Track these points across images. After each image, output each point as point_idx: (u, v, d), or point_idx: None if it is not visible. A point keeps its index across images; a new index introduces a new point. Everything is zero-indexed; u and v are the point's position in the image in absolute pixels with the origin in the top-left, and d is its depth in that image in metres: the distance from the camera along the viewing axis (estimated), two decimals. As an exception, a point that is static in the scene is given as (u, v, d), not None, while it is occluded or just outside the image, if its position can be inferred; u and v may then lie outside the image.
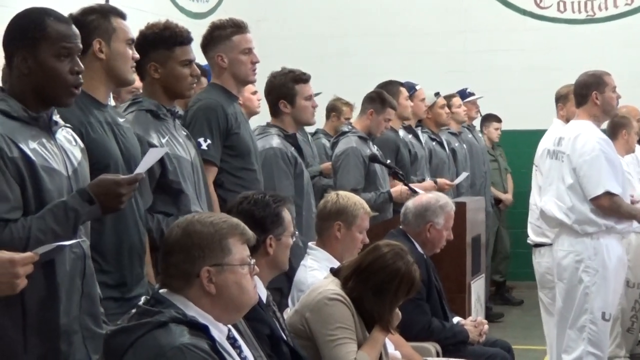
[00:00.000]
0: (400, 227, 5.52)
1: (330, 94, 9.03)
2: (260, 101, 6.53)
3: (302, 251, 4.91)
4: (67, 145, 3.26)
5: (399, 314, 4.20)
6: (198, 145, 4.58)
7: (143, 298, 3.02)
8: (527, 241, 7.13)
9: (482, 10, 11.57)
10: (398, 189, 6.69)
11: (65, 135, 3.30)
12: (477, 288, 6.50)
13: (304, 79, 5.56)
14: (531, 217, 7.05)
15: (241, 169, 4.87)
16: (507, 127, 10.75)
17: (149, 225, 3.99)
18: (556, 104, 7.43)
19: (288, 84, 5.51)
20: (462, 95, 9.56)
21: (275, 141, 5.44)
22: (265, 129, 5.58)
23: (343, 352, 4.02)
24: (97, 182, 3.13)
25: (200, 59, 4.81)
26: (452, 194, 7.68)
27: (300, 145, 5.64)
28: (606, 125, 6.81)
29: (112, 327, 3.01)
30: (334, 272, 4.29)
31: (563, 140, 6.10)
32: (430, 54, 11.39)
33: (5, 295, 2.82)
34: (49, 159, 3.13)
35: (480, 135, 10.19)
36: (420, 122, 8.39)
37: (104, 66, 3.74)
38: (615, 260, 5.97)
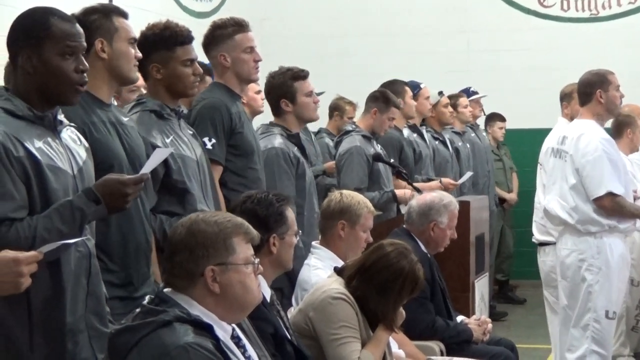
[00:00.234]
0: (404, 226, 5.52)
1: (332, 93, 9.03)
2: (264, 100, 6.52)
3: (303, 252, 4.90)
4: (72, 145, 3.26)
5: (403, 312, 4.20)
6: (202, 145, 4.58)
7: (147, 297, 3.01)
8: (532, 240, 7.13)
9: (485, 10, 11.56)
10: (402, 192, 6.68)
11: (70, 134, 3.30)
12: (481, 287, 6.49)
13: (302, 75, 5.53)
14: (536, 216, 7.05)
15: (244, 168, 4.86)
16: (511, 126, 10.74)
17: (151, 225, 3.98)
18: (561, 102, 7.44)
19: (287, 82, 5.49)
20: (466, 94, 9.56)
21: (278, 141, 5.43)
22: (269, 128, 5.56)
23: (347, 351, 4.01)
24: (103, 182, 3.13)
25: (203, 58, 4.81)
26: (456, 193, 7.68)
27: (304, 145, 5.63)
28: (610, 124, 6.81)
29: (117, 326, 3.01)
30: (338, 271, 4.28)
31: (566, 140, 6.10)
32: (432, 54, 11.37)
33: (9, 294, 2.82)
34: (55, 158, 3.13)
35: (484, 135, 10.18)
36: (424, 121, 8.39)
37: (106, 66, 3.74)
38: (618, 259, 5.97)
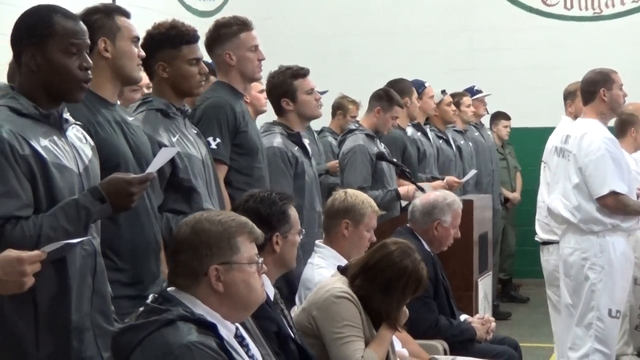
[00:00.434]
0: (407, 225, 5.52)
1: (334, 92, 9.02)
2: (267, 100, 6.52)
3: (300, 252, 4.88)
4: (78, 143, 3.27)
5: (406, 311, 4.20)
6: (207, 145, 4.58)
7: (151, 296, 3.01)
8: (535, 239, 7.12)
9: (488, 8, 11.55)
10: (405, 190, 6.68)
11: (75, 133, 3.30)
12: (484, 286, 6.49)
13: (302, 73, 5.52)
14: (539, 215, 7.04)
15: (249, 167, 4.86)
16: (514, 125, 10.72)
17: (159, 223, 3.98)
18: (564, 101, 7.44)
19: (287, 81, 5.48)
20: (470, 92, 9.55)
21: (277, 140, 5.42)
22: (270, 127, 5.56)
23: (350, 350, 4.01)
24: (109, 181, 3.14)
25: (205, 57, 4.80)
26: (459, 192, 7.68)
27: (305, 144, 5.62)
28: (614, 122, 6.80)
29: (120, 325, 3.01)
30: (342, 270, 4.29)
31: (570, 139, 6.10)
32: (435, 53, 11.36)
33: (13, 293, 2.82)
34: (60, 156, 3.13)
35: (488, 133, 10.17)
36: (427, 120, 8.40)
37: (110, 65, 3.74)
38: (621, 257, 5.97)
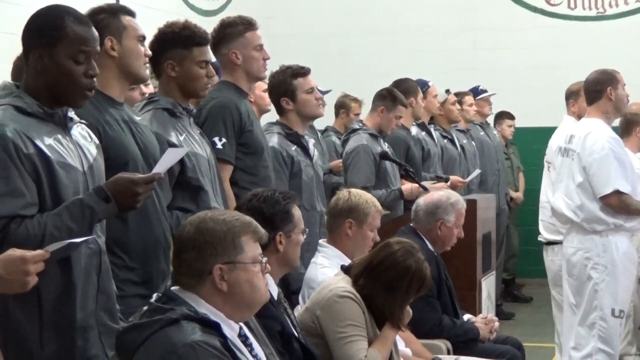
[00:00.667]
0: (410, 225, 5.51)
1: (337, 92, 9.02)
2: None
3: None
4: (83, 141, 3.27)
5: (410, 311, 4.20)
6: (213, 145, 4.60)
7: (155, 295, 3.01)
8: (539, 239, 7.12)
9: (491, 8, 11.54)
10: (409, 187, 6.68)
11: (80, 131, 3.31)
12: (488, 285, 6.49)
13: (302, 72, 5.51)
14: (543, 215, 7.04)
15: (255, 166, 4.87)
16: (516, 125, 10.72)
17: (169, 221, 3.98)
18: (567, 100, 7.43)
19: (287, 81, 5.47)
20: (475, 92, 9.54)
21: (273, 140, 5.41)
22: (269, 126, 5.57)
23: (354, 350, 4.01)
24: (114, 181, 3.14)
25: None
26: (463, 192, 7.68)
27: (304, 144, 5.60)
28: (619, 122, 6.80)
29: (124, 324, 3.01)
30: (345, 270, 4.28)
31: (574, 138, 6.10)
32: (439, 52, 11.35)
33: (16, 292, 2.82)
34: (65, 155, 3.13)
35: (494, 133, 10.15)
36: (432, 119, 8.39)
37: (116, 64, 3.75)
38: (624, 257, 5.97)
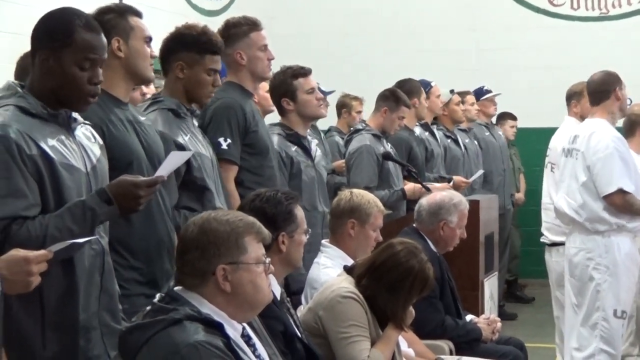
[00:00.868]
0: (413, 225, 5.51)
1: (340, 92, 9.02)
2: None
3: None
4: (86, 142, 3.28)
5: (413, 311, 4.20)
6: (218, 145, 4.62)
7: (158, 295, 3.02)
8: (541, 240, 7.11)
9: (494, 8, 11.53)
10: (411, 187, 6.69)
11: (84, 132, 3.31)
12: (490, 286, 6.49)
13: (302, 73, 5.49)
14: (547, 217, 7.03)
15: (260, 166, 4.87)
16: (519, 125, 10.71)
17: (176, 221, 4.00)
18: (569, 101, 7.41)
19: (287, 81, 5.47)
20: (480, 92, 9.53)
21: (273, 141, 5.42)
22: (271, 127, 5.54)
23: (356, 350, 4.01)
24: (117, 183, 3.14)
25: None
26: (466, 192, 7.68)
27: (305, 144, 5.58)
28: (622, 123, 6.80)
29: (127, 324, 3.01)
30: (348, 270, 4.28)
31: (578, 138, 6.10)
32: (442, 53, 11.34)
33: (19, 292, 2.83)
34: (68, 156, 3.14)
35: (499, 133, 10.14)
36: (435, 120, 8.39)
37: (123, 64, 3.77)
38: (626, 258, 5.97)
